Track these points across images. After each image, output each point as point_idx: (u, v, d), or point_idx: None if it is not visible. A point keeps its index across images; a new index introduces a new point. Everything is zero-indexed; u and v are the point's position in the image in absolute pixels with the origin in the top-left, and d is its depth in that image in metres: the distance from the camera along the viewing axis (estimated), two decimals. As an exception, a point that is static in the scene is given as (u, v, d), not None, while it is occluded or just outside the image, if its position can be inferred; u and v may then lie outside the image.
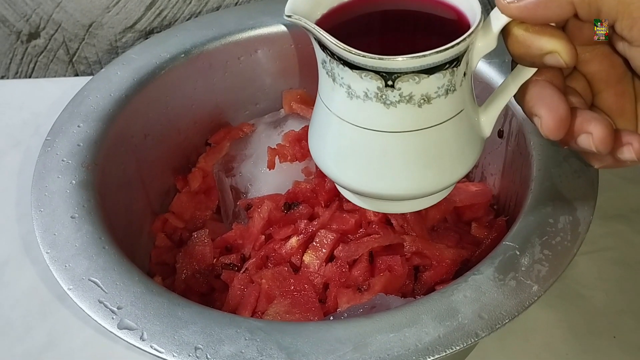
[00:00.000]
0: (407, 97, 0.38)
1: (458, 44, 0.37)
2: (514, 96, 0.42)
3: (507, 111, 0.59)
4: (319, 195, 0.60)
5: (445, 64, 0.38)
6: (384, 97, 0.38)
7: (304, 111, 0.69)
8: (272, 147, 0.65)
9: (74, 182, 0.53)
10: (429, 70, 0.38)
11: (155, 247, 0.65)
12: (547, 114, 0.38)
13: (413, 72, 0.37)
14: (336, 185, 0.49)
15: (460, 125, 0.42)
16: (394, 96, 0.38)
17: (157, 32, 0.88)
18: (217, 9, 0.86)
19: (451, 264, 0.57)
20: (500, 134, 0.62)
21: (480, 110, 0.44)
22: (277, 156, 0.64)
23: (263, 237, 0.60)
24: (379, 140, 0.40)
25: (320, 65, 0.42)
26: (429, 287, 0.57)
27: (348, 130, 0.41)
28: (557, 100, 0.39)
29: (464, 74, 0.40)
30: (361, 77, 0.38)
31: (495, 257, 0.47)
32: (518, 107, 0.57)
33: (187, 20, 0.87)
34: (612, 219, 0.70)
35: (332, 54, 0.39)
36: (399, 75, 0.37)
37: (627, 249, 0.67)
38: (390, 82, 0.38)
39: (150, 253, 0.65)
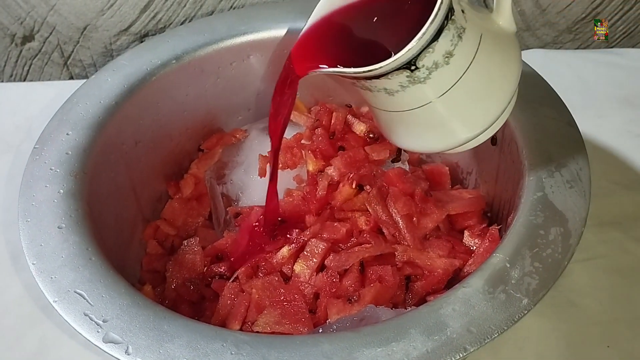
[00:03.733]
0: (433, 66, 0.41)
1: (442, 2, 0.39)
2: None
3: (500, 119, 0.59)
4: (310, 204, 0.60)
5: (442, 22, 0.40)
6: (416, 79, 0.41)
7: (296, 117, 0.68)
8: (264, 155, 0.64)
9: (61, 191, 0.53)
10: (435, 37, 0.40)
11: (147, 254, 0.65)
12: None
13: (424, 48, 0.40)
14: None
15: (490, 44, 0.43)
16: (423, 73, 0.41)
17: (152, 35, 0.88)
18: (212, 13, 0.86)
19: (443, 274, 0.57)
20: (493, 141, 0.62)
21: (493, 16, 0.45)
22: (268, 164, 0.64)
23: (254, 245, 0.60)
24: (437, 107, 0.43)
25: (351, 85, 0.45)
26: (421, 297, 0.57)
27: (409, 116, 0.44)
28: None
29: (462, 12, 0.42)
30: (389, 79, 0.41)
31: (485, 270, 0.47)
32: (511, 115, 0.58)
33: (182, 23, 0.87)
34: (607, 226, 0.69)
35: (356, 78, 0.42)
36: (415, 57, 0.40)
37: (621, 257, 0.67)
38: (413, 67, 0.41)
39: (142, 260, 0.64)
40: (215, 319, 0.56)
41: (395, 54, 0.40)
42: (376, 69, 0.41)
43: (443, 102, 0.43)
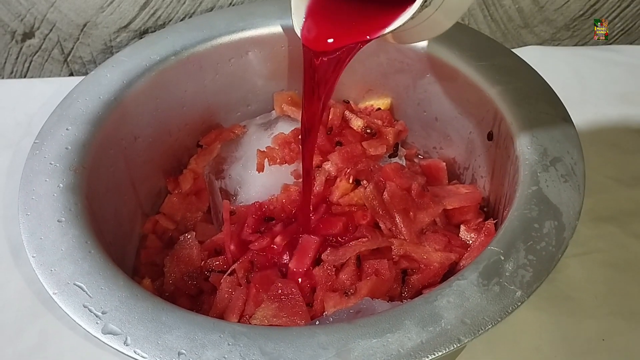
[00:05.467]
0: None
1: None
2: None
3: (496, 114, 0.59)
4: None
5: None
6: (424, 6, 0.45)
7: (294, 113, 0.69)
8: (262, 150, 0.65)
9: (61, 185, 0.53)
10: None
11: (146, 248, 0.65)
12: None
13: None
14: None
15: None
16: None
17: (152, 31, 0.88)
18: (211, 10, 0.86)
19: (439, 267, 0.57)
20: (490, 136, 0.62)
21: None
22: (266, 159, 0.64)
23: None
24: (435, 16, 0.48)
25: None
26: (417, 290, 0.57)
27: (414, 29, 0.50)
28: None
29: None
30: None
31: (479, 262, 0.47)
32: (507, 111, 0.59)
33: (181, 20, 0.87)
34: (604, 221, 0.70)
35: None
36: None
37: (617, 252, 0.67)
38: (425, 2, 0.45)
39: (141, 254, 0.65)
40: (213, 312, 0.56)
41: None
42: (406, 21, 0.45)
43: (439, 11, 0.47)
